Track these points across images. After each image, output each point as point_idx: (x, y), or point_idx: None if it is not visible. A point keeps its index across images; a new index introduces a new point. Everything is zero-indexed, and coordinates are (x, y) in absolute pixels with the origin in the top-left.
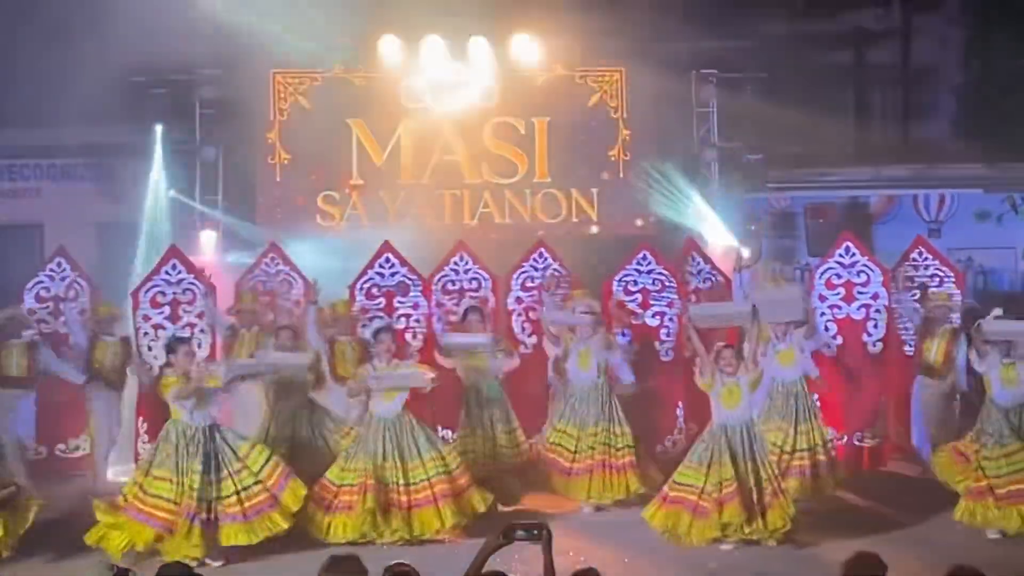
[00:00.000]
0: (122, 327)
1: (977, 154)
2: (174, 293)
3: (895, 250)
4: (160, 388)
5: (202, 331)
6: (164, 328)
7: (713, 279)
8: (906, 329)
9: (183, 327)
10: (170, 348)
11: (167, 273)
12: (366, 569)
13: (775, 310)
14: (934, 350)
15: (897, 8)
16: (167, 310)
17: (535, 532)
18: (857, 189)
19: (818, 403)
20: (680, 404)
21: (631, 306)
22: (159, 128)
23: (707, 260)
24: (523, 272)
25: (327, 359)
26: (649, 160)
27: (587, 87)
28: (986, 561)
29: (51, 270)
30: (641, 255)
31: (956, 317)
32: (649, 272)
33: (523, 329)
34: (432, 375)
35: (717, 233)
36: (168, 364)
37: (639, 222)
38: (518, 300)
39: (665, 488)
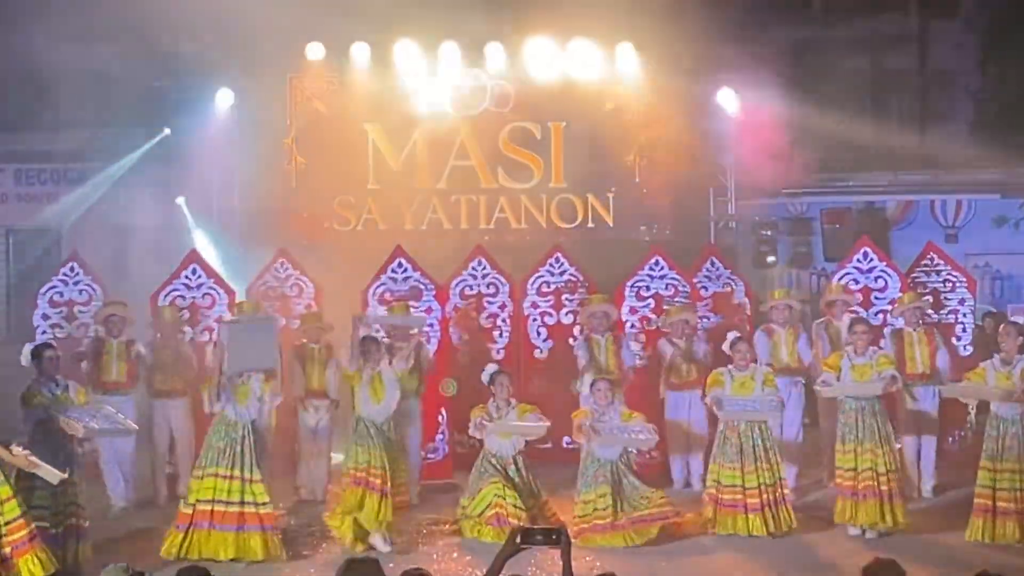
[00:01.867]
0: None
1: (994, 159)
2: (193, 297)
3: (912, 255)
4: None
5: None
6: (183, 332)
7: (732, 283)
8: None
9: (201, 331)
10: (35, 355)
11: (187, 277)
12: (384, 574)
13: None
14: (918, 355)
15: (914, 14)
16: (186, 314)
17: (553, 536)
18: (874, 194)
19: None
20: None
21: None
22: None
23: (726, 265)
24: (539, 277)
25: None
26: (665, 166)
27: (603, 92)
28: (1005, 567)
29: (64, 275)
30: (654, 260)
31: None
32: (662, 277)
33: (539, 334)
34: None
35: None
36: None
37: (655, 227)
38: (534, 305)
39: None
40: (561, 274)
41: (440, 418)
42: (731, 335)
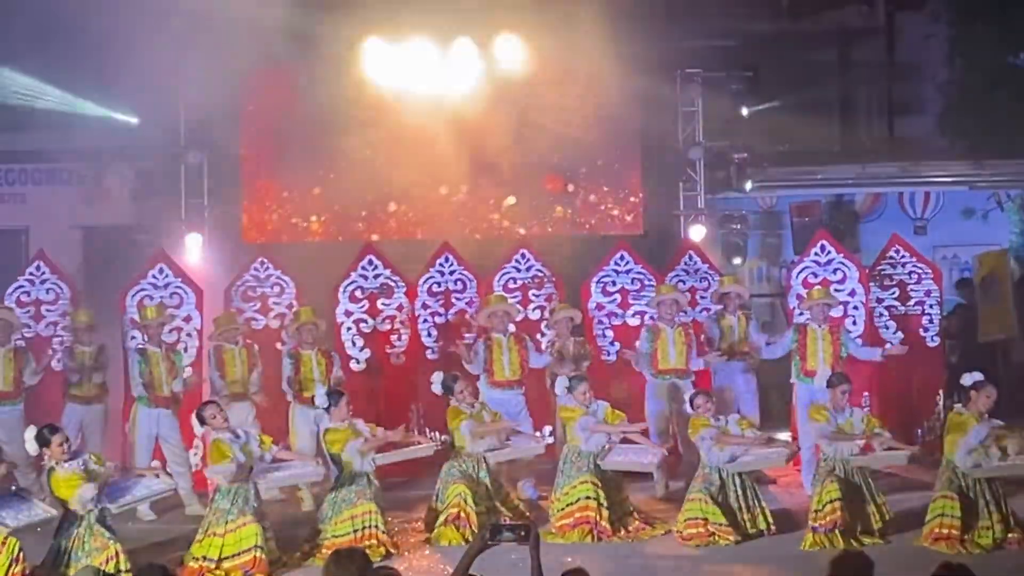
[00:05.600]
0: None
1: (962, 151)
2: (161, 297)
3: (881, 248)
4: (53, 486)
5: (188, 335)
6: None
7: (710, 278)
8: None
9: (169, 331)
10: (42, 440)
11: (154, 277)
12: (370, 563)
13: None
14: (820, 353)
15: (881, 5)
16: None
17: (522, 532)
18: (843, 187)
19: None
20: None
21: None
22: None
23: (704, 259)
24: (506, 273)
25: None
26: (635, 160)
27: (571, 87)
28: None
29: (31, 274)
30: (619, 255)
31: (833, 315)
32: (627, 272)
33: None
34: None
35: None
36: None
37: (626, 221)
38: None
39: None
40: (527, 270)
41: (410, 414)
42: (689, 392)
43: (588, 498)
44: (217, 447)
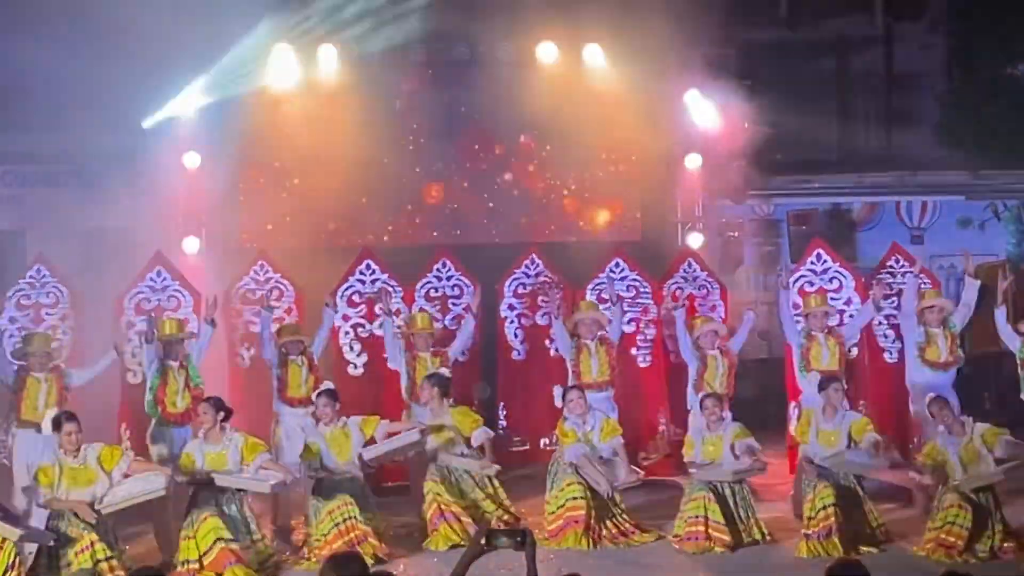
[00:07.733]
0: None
1: (960, 161)
2: (159, 300)
3: (878, 256)
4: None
5: None
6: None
7: (709, 286)
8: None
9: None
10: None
11: (152, 280)
12: (368, 567)
13: None
14: (824, 356)
15: (880, 16)
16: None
17: (518, 538)
18: (840, 196)
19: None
20: (661, 409)
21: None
22: None
23: (704, 267)
24: (515, 279)
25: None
26: (632, 167)
27: (569, 95)
28: None
29: (31, 277)
30: (614, 262)
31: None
32: (623, 279)
33: (516, 336)
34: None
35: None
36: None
37: (623, 228)
38: (511, 307)
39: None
40: (536, 275)
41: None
42: (700, 394)
43: (576, 498)
44: (252, 444)
